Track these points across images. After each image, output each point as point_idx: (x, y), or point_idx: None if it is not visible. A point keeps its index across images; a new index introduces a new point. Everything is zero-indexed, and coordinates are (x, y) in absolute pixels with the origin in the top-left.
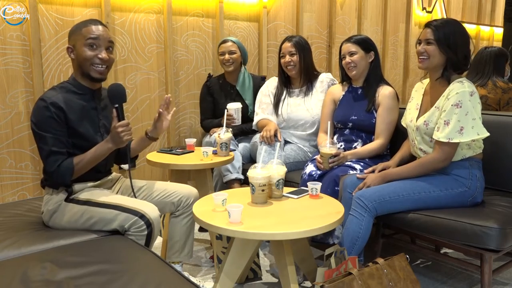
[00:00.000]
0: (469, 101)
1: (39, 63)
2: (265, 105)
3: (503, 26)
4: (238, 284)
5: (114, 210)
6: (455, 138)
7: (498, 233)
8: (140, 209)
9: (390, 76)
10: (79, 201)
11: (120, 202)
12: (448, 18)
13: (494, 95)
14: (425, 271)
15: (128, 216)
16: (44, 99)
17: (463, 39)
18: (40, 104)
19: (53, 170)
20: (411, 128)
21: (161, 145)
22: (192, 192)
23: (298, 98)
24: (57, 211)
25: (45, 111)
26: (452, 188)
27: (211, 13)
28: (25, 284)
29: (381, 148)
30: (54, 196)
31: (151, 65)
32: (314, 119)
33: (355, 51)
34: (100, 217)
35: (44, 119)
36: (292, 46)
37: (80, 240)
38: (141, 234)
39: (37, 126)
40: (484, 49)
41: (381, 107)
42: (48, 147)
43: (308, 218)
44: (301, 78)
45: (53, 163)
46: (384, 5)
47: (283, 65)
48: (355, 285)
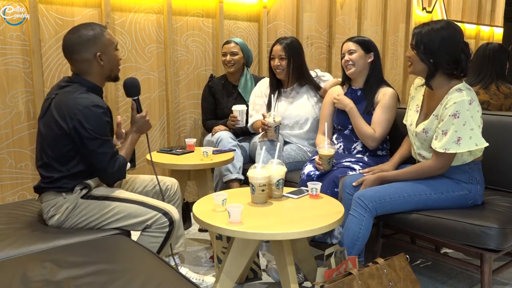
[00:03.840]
0: (467, 110)
1: (39, 63)
2: (259, 106)
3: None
4: (238, 284)
5: (139, 206)
6: (452, 148)
7: (498, 233)
8: (164, 207)
9: (390, 76)
10: (98, 197)
11: (143, 199)
12: (437, 20)
13: (496, 101)
14: (425, 271)
15: (153, 212)
16: (100, 105)
17: (444, 43)
18: (96, 111)
19: (115, 170)
20: (411, 132)
21: (161, 145)
22: (174, 180)
23: (290, 97)
24: (75, 209)
25: (104, 117)
26: (453, 191)
27: (211, 13)
28: (25, 284)
29: (370, 138)
30: (69, 197)
31: (151, 65)
32: (307, 116)
33: (354, 49)
34: (128, 212)
35: (104, 124)
36: (282, 50)
37: (80, 240)
38: (162, 231)
39: (98, 133)
40: (486, 45)
41: (379, 104)
42: (111, 150)
43: (308, 218)
44: (291, 79)
45: (114, 163)
46: (384, 5)
47: (273, 68)
48: (355, 285)
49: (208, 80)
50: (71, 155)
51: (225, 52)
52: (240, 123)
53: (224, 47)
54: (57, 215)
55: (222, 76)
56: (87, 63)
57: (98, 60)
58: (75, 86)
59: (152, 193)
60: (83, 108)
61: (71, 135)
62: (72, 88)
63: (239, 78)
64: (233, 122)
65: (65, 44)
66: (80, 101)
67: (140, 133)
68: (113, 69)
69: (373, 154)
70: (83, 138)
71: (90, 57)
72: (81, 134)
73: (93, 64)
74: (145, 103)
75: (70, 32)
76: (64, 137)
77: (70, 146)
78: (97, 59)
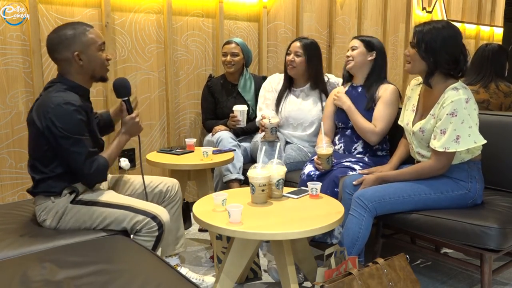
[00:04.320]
0: (464, 109)
1: (39, 63)
2: (269, 100)
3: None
4: (238, 284)
5: (126, 211)
6: (451, 147)
7: (498, 233)
8: (152, 211)
9: (390, 76)
10: (87, 202)
11: (131, 203)
12: (437, 20)
13: (496, 99)
14: (425, 271)
15: (141, 217)
16: (72, 103)
17: (445, 43)
18: (68, 108)
19: (92, 171)
20: (408, 131)
21: (161, 145)
22: (174, 181)
23: (299, 98)
24: (65, 214)
25: (76, 115)
26: (452, 191)
27: (211, 13)
28: (25, 284)
29: (372, 133)
30: (58, 201)
31: (151, 65)
32: (313, 119)
33: (357, 46)
34: (115, 218)
35: (76, 123)
36: (300, 47)
37: (80, 240)
38: (151, 235)
39: (70, 131)
40: (485, 46)
41: (380, 99)
42: (86, 149)
43: (308, 218)
44: (304, 79)
45: (91, 163)
46: (384, 5)
47: (286, 62)
48: (355, 285)
49: (207, 80)
50: (50, 156)
51: (225, 52)
52: (241, 123)
53: (225, 47)
54: (48, 220)
55: (221, 75)
56: (67, 63)
57: (76, 59)
58: (57, 85)
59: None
60: (55, 106)
61: (45, 135)
62: (54, 87)
63: (238, 77)
64: (234, 122)
65: (47, 43)
66: (53, 99)
67: (129, 135)
68: (96, 69)
69: (373, 155)
70: (56, 137)
71: (69, 56)
72: (54, 132)
73: (72, 64)
74: (145, 103)
75: (53, 31)
76: (40, 137)
77: (47, 146)
78: (75, 58)
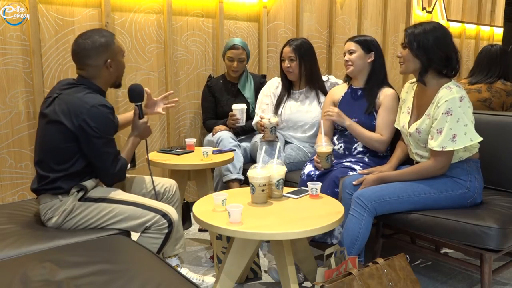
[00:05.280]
0: (459, 107)
1: (39, 63)
2: (265, 105)
3: (503, 26)
4: (238, 284)
5: (138, 208)
6: (448, 146)
7: (498, 233)
8: (162, 209)
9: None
10: (96, 199)
11: (142, 201)
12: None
13: (498, 98)
14: (425, 271)
15: (152, 214)
16: (106, 105)
17: (437, 41)
18: (103, 110)
19: (117, 170)
20: (404, 133)
21: (161, 145)
22: (172, 182)
23: (298, 100)
24: (72, 212)
25: (111, 116)
26: (452, 190)
27: (211, 13)
28: (25, 284)
29: (380, 143)
30: (65, 199)
31: (151, 65)
32: (313, 121)
33: (354, 49)
34: (127, 214)
35: (110, 124)
36: (292, 51)
37: (80, 240)
38: (161, 232)
39: (104, 132)
40: (491, 47)
41: (382, 106)
42: (115, 150)
43: (308, 218)
44: (301, 81)
45: (116, 163)
46: (384, 5)
47: (284, 70)
48: (355, 285)
49: (207, 80)
50: (69, 155)
51: (232, 57)
52: (240, 122)
53: (232, 52)
54: (54, 217)
55: (221, 75)
56: (97, 69)
57: (108, 66)
58: (81, 87)
59: (150, 195)
60: (90, 107)
61: (75, 134)
62: (77, 89)
63: (238, 76)
64: (233, 121)
65: (78, 48)
66: (87, 100)
67: (141, 138)
68: (119, 76)
69: (374, 155)
70: (89, 137)
71: (101, 63)
72: (87, 132)
73: (102, 70)
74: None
75: (83, 37)
76: (66, 135)
77: (71, 144)
78: (107, 66)
